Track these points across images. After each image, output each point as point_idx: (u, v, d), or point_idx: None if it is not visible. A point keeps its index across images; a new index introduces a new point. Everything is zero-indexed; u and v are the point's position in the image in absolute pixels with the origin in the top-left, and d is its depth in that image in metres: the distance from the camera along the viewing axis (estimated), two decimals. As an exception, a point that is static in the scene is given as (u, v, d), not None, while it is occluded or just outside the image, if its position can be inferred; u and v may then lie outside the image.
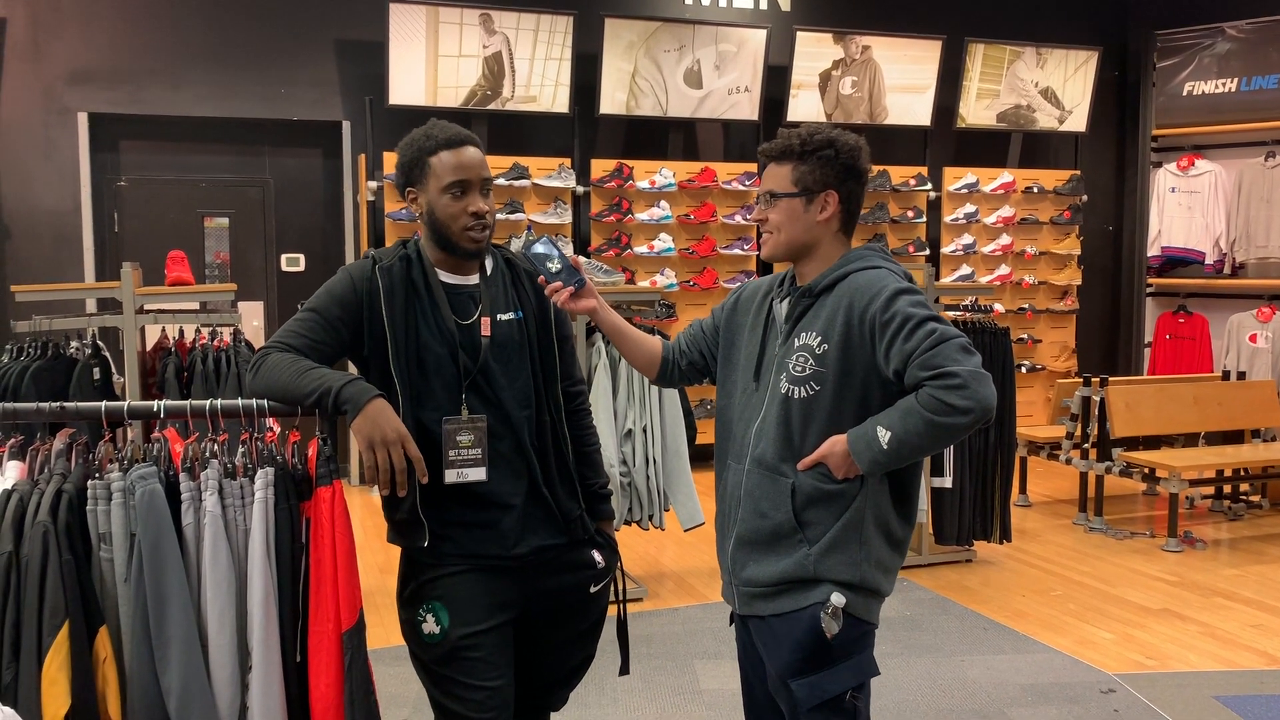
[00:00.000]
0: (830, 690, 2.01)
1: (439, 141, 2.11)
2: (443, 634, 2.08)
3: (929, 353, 1.88)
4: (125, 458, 1.92)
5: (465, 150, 2.12)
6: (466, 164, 2.11)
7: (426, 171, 2.11)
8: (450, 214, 2.10)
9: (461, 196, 2.10)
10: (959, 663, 3.95)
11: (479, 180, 2.12)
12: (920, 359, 1.89)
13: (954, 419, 1.87)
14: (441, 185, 2.09)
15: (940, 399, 1.87)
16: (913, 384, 1.91)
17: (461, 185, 2.10)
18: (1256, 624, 4.39)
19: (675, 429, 4.56)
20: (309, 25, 6.81)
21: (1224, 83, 7.93)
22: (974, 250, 8.08)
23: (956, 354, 1.88)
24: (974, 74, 8.00)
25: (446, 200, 2.09)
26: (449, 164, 2.10)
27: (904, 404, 1.93)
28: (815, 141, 2.05)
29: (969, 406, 1.86)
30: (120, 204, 6.68)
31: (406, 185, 2.16)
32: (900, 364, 1.92)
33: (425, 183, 2.12)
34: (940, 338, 1.90)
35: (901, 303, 1.95)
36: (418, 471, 1.97)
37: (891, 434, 1.92)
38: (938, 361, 1.88)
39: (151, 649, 1.81)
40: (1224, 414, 6.22)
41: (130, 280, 3.99)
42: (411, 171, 2.14)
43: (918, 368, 1.89)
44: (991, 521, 5.09)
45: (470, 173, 2.10)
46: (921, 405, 1.89)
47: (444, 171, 2.10)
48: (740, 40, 7.38)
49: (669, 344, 2.34)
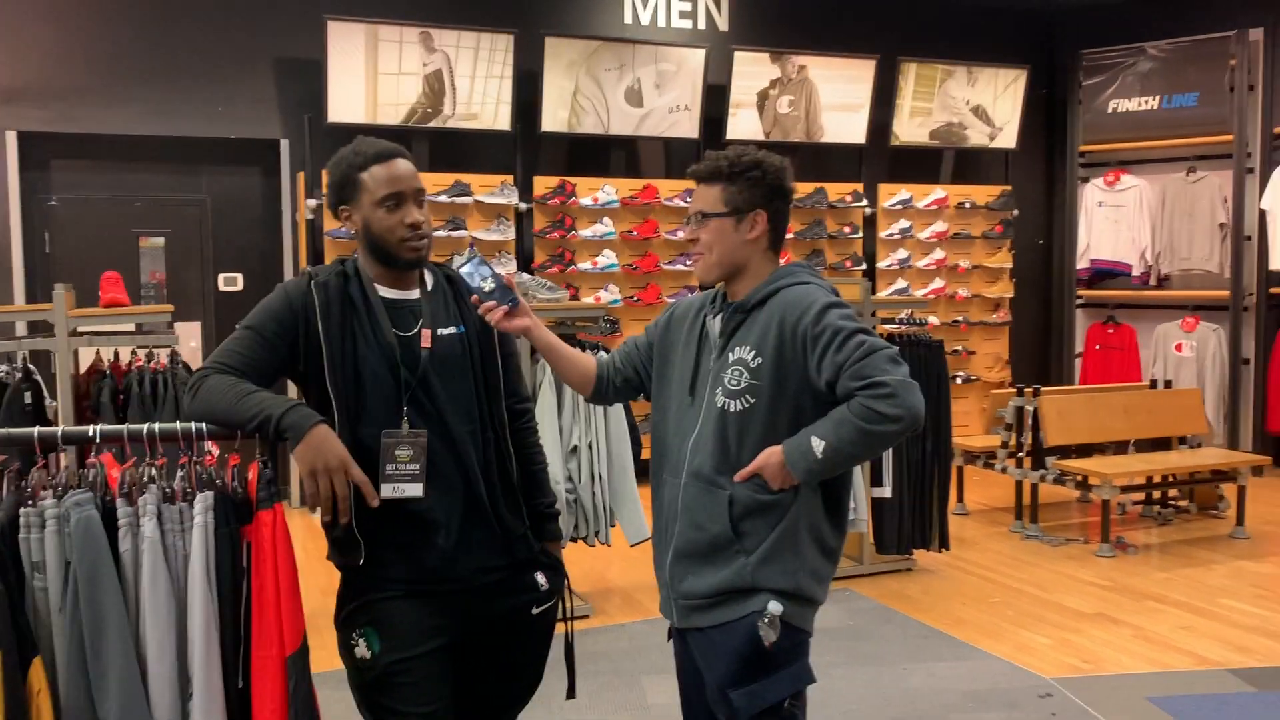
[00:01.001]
0: (769, 699, 2.04)
1: (368, 157, 2.12)
2: (374, 659, 2.06)
3: (859, 363, 1.95)
4: (60, 484, 1.89)
5: (396, 163, 2.12)
6: (398, 176, 2.11)
7: (359, 188, 2.11)
8: (386, 227, 2.10)
9: (396, 209, 2.10)
10: (901, 671, 4.01)
11: (412, 191, 2.12)
12: (851, 370, 1.95)
13: (885, 426, 1.93)
14: (375, 199, 2.10)
15: (871, 408, 1.93)
16: (844, 394, 1.97)
17: (395, 198, 2.10)
18: (1186, 626, 4.52)
19: (620, 445, 4.58)
20: (246, 43, 6.74)
21: (1146, 100, 8.19)
22: (909, 265, 8.22)
23: (885, 364, 1.95)
24: (907, 92, 8.16)
25: (381, 214, 2.10)
26: (380, 178, 2.10)
27: (837, 414, 1.98)
28: (743, 163, 2.11)
29: (899, 414, 1.92)
30: (52, 224, 6.54)
31: (339, 203, 2.16)
32: (832, 375, 1.98)
33: (358, 199, 2.12)
34: (869, 349, 1.96)
35: (831, 316, 2.01)
36: (365, 495, 1.97)
37: (825, 443, 1.97)
38: (868, 372, 1.94)
39: (88, 679, 1.78)
40: (1152, 422, 6.40)
41: (63, 302, 3.92)
42: (343, 189, 2.14)
43: (849, 378, 1.95)
44: (930, 530, 5.18)
45: (403, 184, 2.11)
46: (854, 414, 1.94)
47: (376, 186, 2.10)
48: (679, 60, 7.46)
49: (604, 361, 2.37)
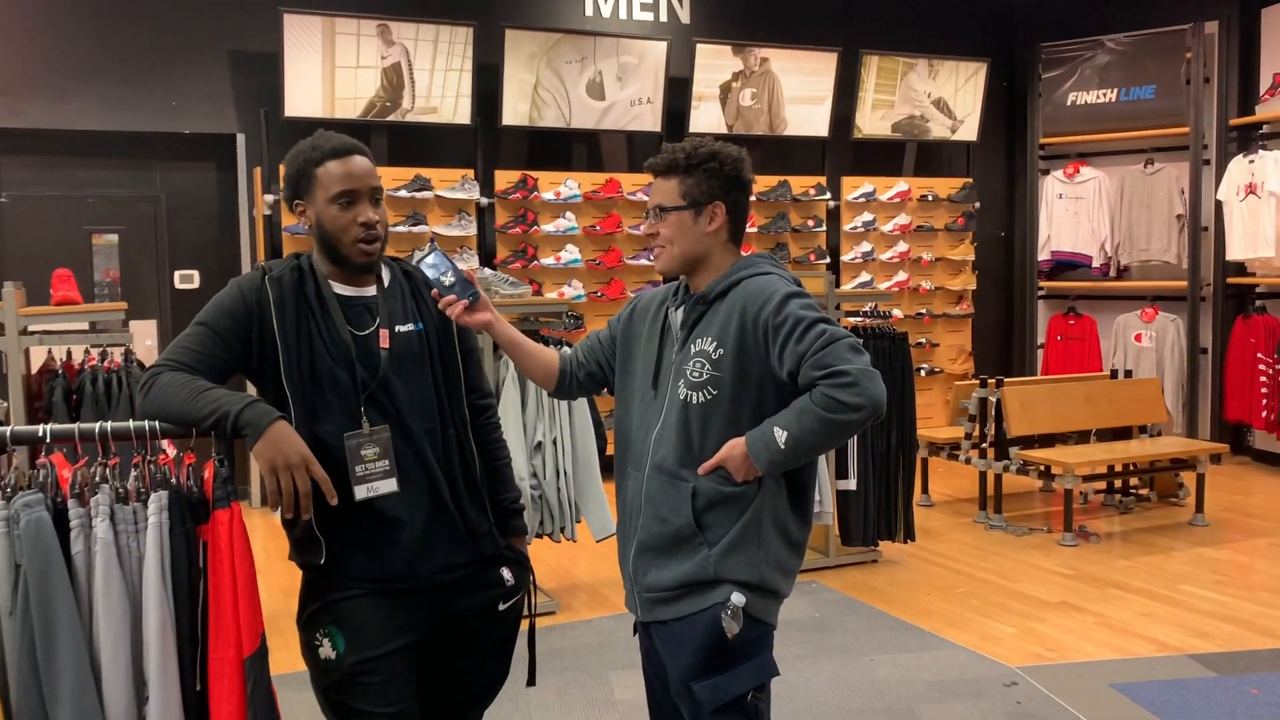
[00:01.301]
0: (732, 691, 2.03)
1: (325, 152, 2.07)
2: (338, 659, 2.02)
3: (820, 353, 1.93)
4: (9, 485, 1.83)
5: (352, 159, 2.07)
6: (354, 173, 2.06)
7: (313, 183, 2.07)
8: (339, 225, 2.05)
9: (350, 207, 2.06)
10: (867, 662, 4.02)
11: (368, 190, 2.07)
12: (812, 359, 1.94)
13: (847, 415, 1.92)
14: (329, 196, 2.05)
15: (833, 397, 1.91)
16: (806, 384, 1.96)
17: (349, 195, 2.05)
18: (1147, 613, 4.57)
19: (585, 440, 4.55)
20: (200, 36, 6.63)
21: (1105, 93, 8.28)
22: (872, 258, 8.26)
23: (847, 353, 1.94)
24: (869, 85, 8.19)
25: (335, 211, 2.05)
26: (336, 174, 2.06)
27: (799, 404, 1.97)
28: (700, 155, 2.09)
29: (860, 403, 1.91)
30: (2, 221, 6.40)
31: (294, 198, 2.11)
32: (793, 365, 1.97)
33: (313, 194, 2.07)
34: (830, 338, 1.95)
35: (792, 306, 2.00)
36: (325, 493, 1.93)
37: (788, 434, 1.96)
38: (829, 361, 1.92)
39: (40, 684, 1.73)
40: (1113, 411, 6.47)
41: (12, 300, 3.83)
42: (299, 184, 2.09)
43: (810, 368, 1.94)
44: (896, 522, 5.20)
45: (358, 182, 2.06)
46: (815, 404, 1.93)
47: (331, 182, 2.05)
48: (641, 52, 7.43)
49: (566, 355, 2.35)
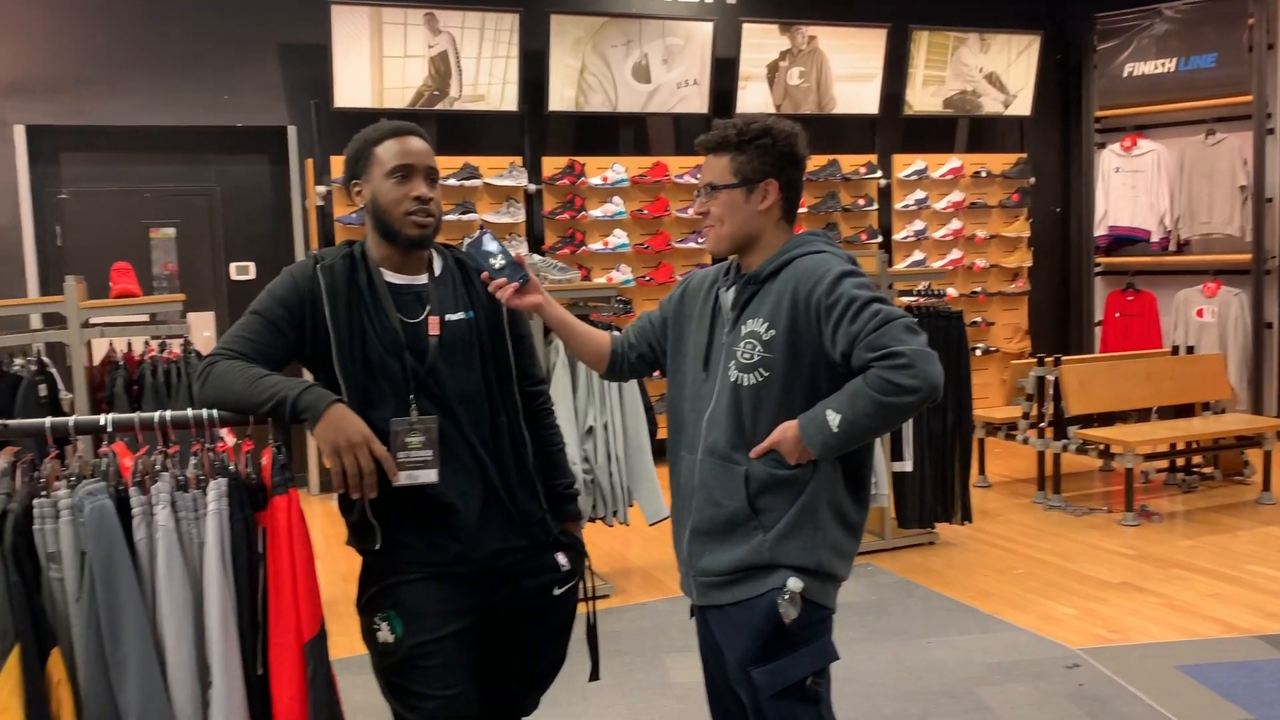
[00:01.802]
0: (791, 676, 2.01)
1: (384, 131, 2.11)
2: (397, 643, 2.04)
3: (874, 333, 1.88)
4: (73, 474, 1.87)
5: (410, 139, 2.11)
6: (411, 150, 2.10)
7: (371, 161, 2.10)
8: (393, 199, 2.07)
9: (405, 181, 2.08)
10: (925, 644, 3.98)
11: (424, 167, 2.10)
12: (866, 340, 1.89)
13: (901, 398, 1.86)
14: (385, 171, 2.08)
15: (887, 379, 1.86)
16: (860, 365, 1.91)
17: (404, 170, 2.08)
18: (1214, 593, 4.47)
19: (636, 424, 4.55)
20: (250, 30, 6.70)
21: (1163, 63, 8.06)
22: (925, 236, 8.14)
23: (902, 334, 1.88)
24: (919, 61, 8.06)
25: (390, 185, 2.07)
26: (393, 150, 2.09)
27: (852, 386, 1.92)
28: (752, 131, 2.05)
29: (916, 385, 1.86)
30: (62, 217, 6.53)
31: (352, 178, 2.14)
32: (847, 346, 1.92)
33: (369, 172, 2.10)
34: (885, 318, 1.89)
35: (846, 285, 1.95)
36: (387, 471, 1.94)
37: (841, 416, 1.91)
38: (883, 342, 1.87)
39: (107, 669, 1.77)
40: (1175, 388, 6.33)
41: (74, 294, 3.91)
42: (357, 163, 2.13)
43: (864, 349, 1.89)
44: (952, 503, 5.14)
45: (414, 158, 2.09)
46: (869, 386, 1.88)
47: (388, 158, 2.08)
48: (687, 34, 7.38)
49: (617, 337, 2.33)
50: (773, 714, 2.03)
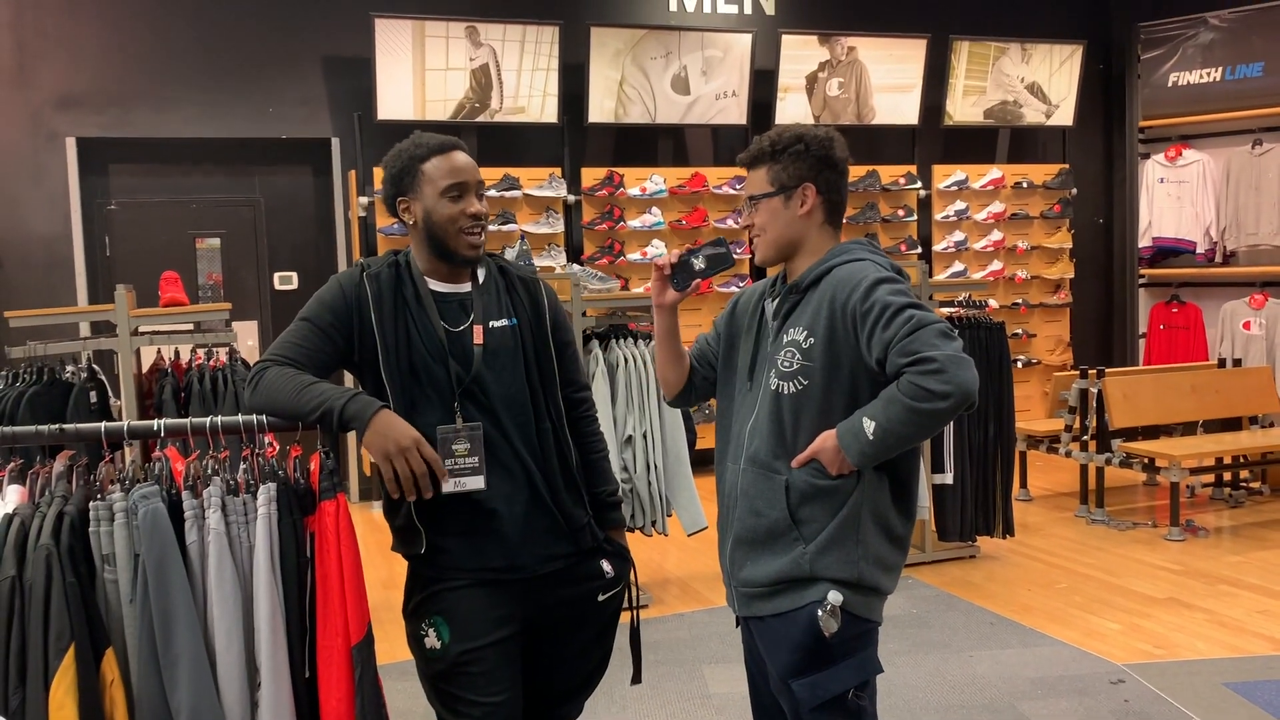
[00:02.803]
0: (831, 690, 1.99)
1: (430, 148, 2.12)
2: (444, 649, 2.06)
3: (907, 339, 1.87)
4: (127, 478, 1.91)
5: (457, 155, 2.13)
6: (460, 167, 2.12)
7: (419, 179, 2.11)
8: (448, 216, 2.09)
9: (459, 199, 2.10)
10: (967, 658, 3.94)
11: (474, 183, 2.13)
12: (899, 346, 1.88)
13: (934, 404, 1.85)
14: (439, 190, 2.09)
15: (920, 385, 1.85)
16: (894, 372, 1.90)
17: (459, 188, 2.10)
18: (1263, 610, 4.39)
19: (675, 434, 4.55)
20: (295, 43, 6.81)
21: (1209, 72, 7.97)
22: (965, 247, 8.09)
23: (934, 339, 1.87)
24: (960, 71, 8.02)
25: (445, 204, 2.09)
26: (443, 168, 2.10)
27: (886, 393, 1.92)
28: (784, 140, 2.08)
29: (948, 391, 1.84)
30: (111, 227, 6.66)
31: (398, 195, 2.15)
32: (881, 353, 1.91)
33: (419, 190, 2.11)
34: (918, 323, 1.88)
35: (880, 291, 1.95)
36: (437, 473, 1.97)
37: (875, 424, 1.91)
38: (915, 347, 1.86)
39: (159, 669, 1.80)
40: (1221, 402, 6.23)
41: (124, 302, 3.98)
42: (402, 180, 2.13)
43: (897, 355, 1.88)
44: (994, 516, 5.08)
45: (465, 175, 2.11)
46: (902, 393, 1.87)
47: (439, 176, 2.10)
48: (726, 45, 7.40)
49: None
50: (814, 727, 2.02)
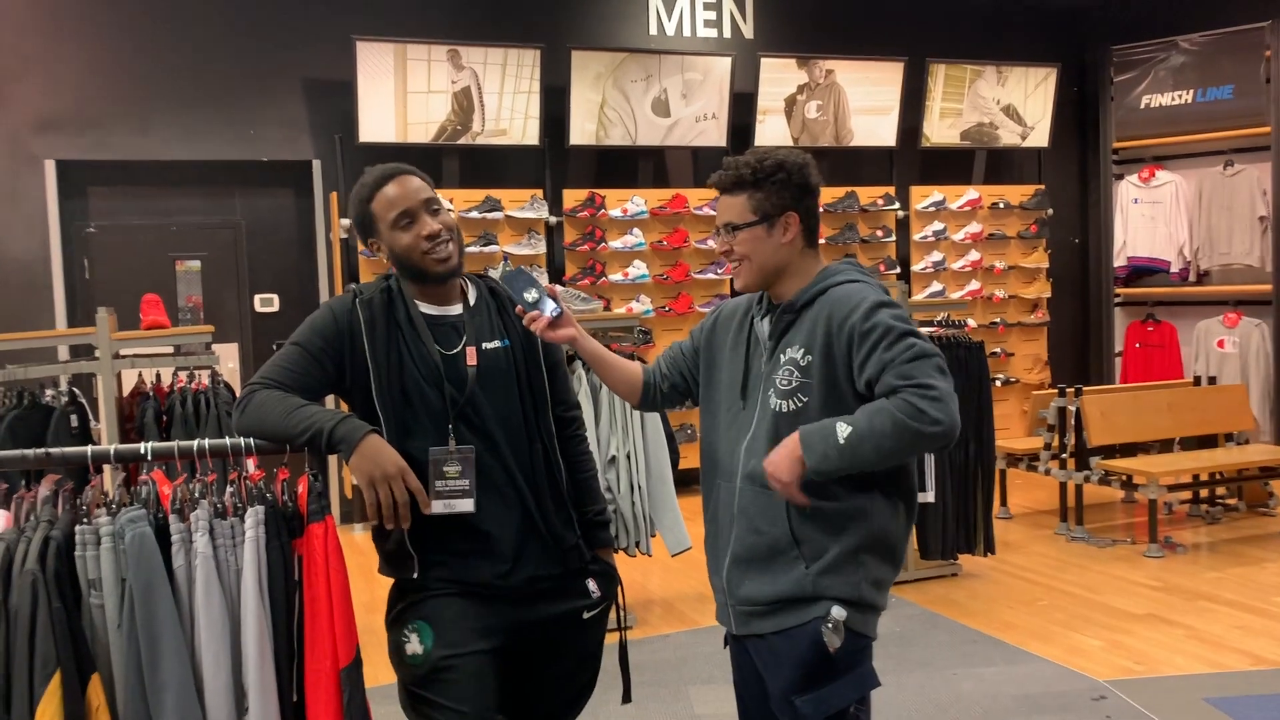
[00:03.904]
0: (835, 705, 2.01)
1: (370, 186, 2.16)
2: (425, 654, 2.05)
3: (908, 364, 1.90)
4: (113, 502, 1.90)
5: (393, 184, 2.15)
6: (399, 196, 2.13)
7: (373, 218, 2.15)
8: (405, 245, 2.12)
9: (410, 225, 2.12)
10: (950, 676, 3.96)
11: (420, 203, 2.13)
12: (898, 369, 1.90)
13: (923, 426, 1.86)
14: (388, 223, 2.13)
15: (916, 405, 1.87)
16: (885, 390, 1.91)
17: (406, 215, 2.12)
18: (1241, 625, 4.43)
19: (659, 454, 4.56)
20: (275, 65, 6.81)
21: (1180, 94, 8.09)
22: (944, 267, 8.16)
23: (934, 372, 1.91)
24: (936, 94, 8.11)
25: (399, 234, 2.12)
26: (385, 201, 2.14)
27: (872, 405, 1.93)
28: (766, 168, 2.07)
29: (940, 419, 1.86)
30: (90, 250, 6.63)
31: (367, 238, 2.20)
32: (875, 372, 1.93)
33: (376, 229, 2.16)
34: (920, 352, 1.92)
35: (883, 314, 1.97)
36: (420, 502, 1.97)
37: (853, 430, 1.90)
38: (915, 373, 1.89)
39: (146, 695, 1.79)
40: (1198, 419, 6.30)
41: (106, 326, 3.96)
42: (364, 224, 2.19)
43: (894, 375, 1.90)
44: (975, 535, 5.11)
45: (409, 200, 2.13)
46: (894, 406, 1.88)
47: (384, 210, 2.13)
48: (706, 68, 7.46)
49: (649, 369, 2.35)
50: (816, 743, 2.03)
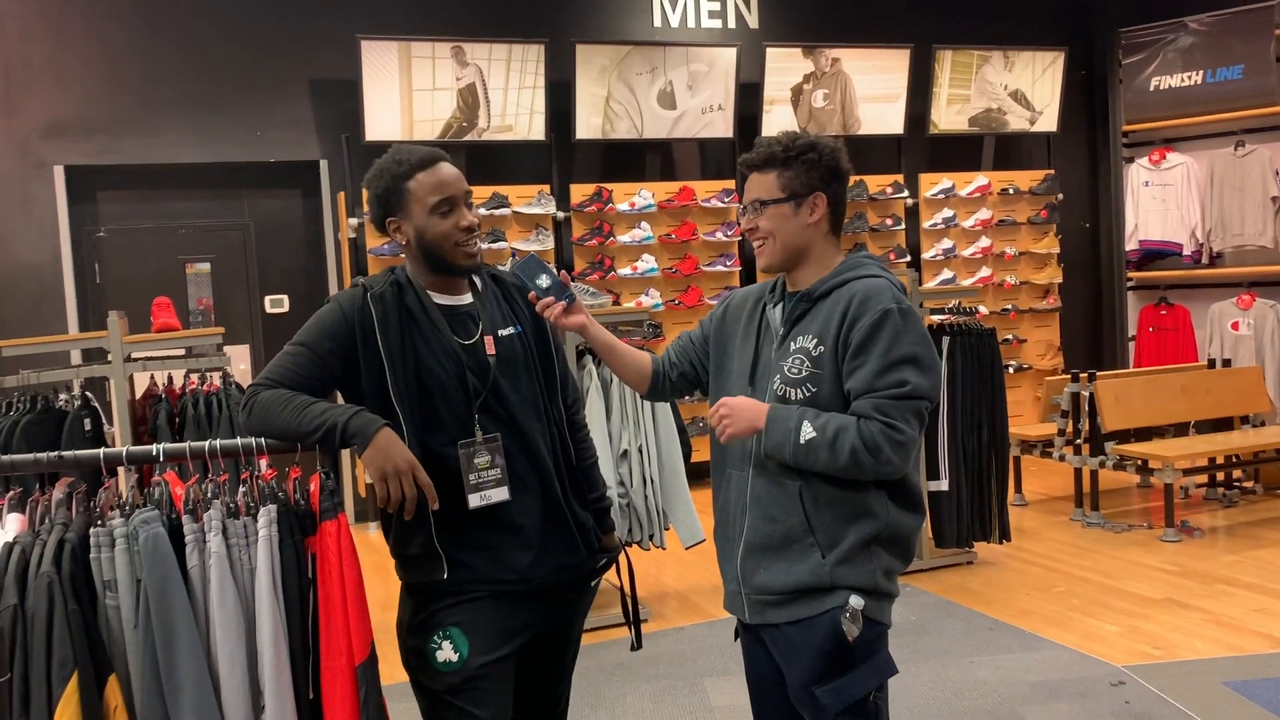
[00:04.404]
0: (854, 693, 2.01)
1: (412, 164, 2.08)
2: (460, 662, 2.02)
3: (893, 402, 1.94)
4: (127, 504, 1.91)
5: (441, 167, 2.09)
6: (446, 180, 2.08)
7: (406, 198, 2.07)
8: (441, 233, 2.07)
9: (450, 213, 2.07)
10: (968, 664, 3.95)
11: (462, 194, 2.10)
12: (881, 403, 1.94)
13: (878, 465, 1.94)
14: (427, 207, 2.06)
15: (879, 443, 1.92)
16: (859, 413, 1.96)
17: (448, 202, 2.07)
18: (1260, 608, 4.41)
19: (670, 447, 4.55)
20: (281, 66, 6.82)
21: (1189, 76, 8.03)
22: (954, 254, 8.13)
23: (912, 418, 1.96)
24: (943, 80, 8.07)
25: (435, 220, 2.06)
26: (429, 184, 2.07)
27: (843, 422, 1.96)
28: (798, 146, 2.07)
29: (895, 463, 1.95)
30: (100, 255, 6.66)
31: (385, 216, 2.12)
32: (859, 389, 1.97)
33: (407, 209, 2.08)
34: (911, 393, 1.95)
35: (889, 329, 1.96)
36: (428, 498, 1.95)
37: (816, 436, 1.95)
38: (895, 414, 1.94)
39: (163, 695, 1.79)
40: (1213, 402, 6.27)
41: (118, 329, 3.98)
42: (389, 201, 2.10)
43: (874, 407, 1.94)
44: (990, 522, 5.10)
45: (452, 188, 2.08)
46: (859, 434, 1.93)
47: (425, 193, 2.07)
48: (711, 59, 7.44)
49: (658, 358, 2.35)
50: (836, 732, 2.03)
